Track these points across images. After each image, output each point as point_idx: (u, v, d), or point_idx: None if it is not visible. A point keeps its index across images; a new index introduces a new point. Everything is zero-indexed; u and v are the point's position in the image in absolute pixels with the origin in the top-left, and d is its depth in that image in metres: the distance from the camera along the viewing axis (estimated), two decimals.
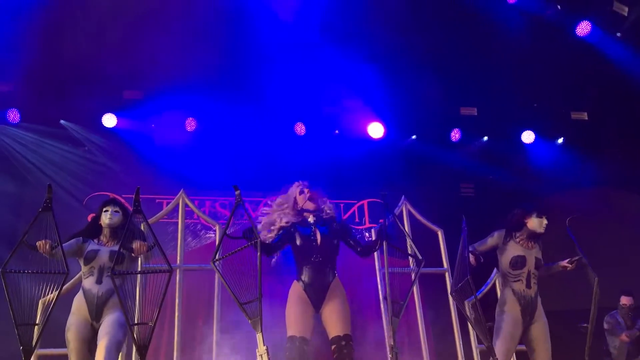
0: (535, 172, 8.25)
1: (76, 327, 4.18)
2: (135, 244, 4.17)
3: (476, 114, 8.30)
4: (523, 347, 4.80)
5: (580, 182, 7.88)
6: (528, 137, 8.36)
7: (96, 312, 4.19)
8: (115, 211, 4.47)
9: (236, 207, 4.23)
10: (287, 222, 4.62)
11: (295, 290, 4.53)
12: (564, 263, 4.74)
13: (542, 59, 7.87)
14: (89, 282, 4.26)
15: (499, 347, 4.56)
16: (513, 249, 4.73)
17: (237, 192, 4.25)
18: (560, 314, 5.23)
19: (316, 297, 4.46)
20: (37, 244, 4.02)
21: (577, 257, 4.66)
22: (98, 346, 4.07)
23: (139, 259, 4.51)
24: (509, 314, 4.63)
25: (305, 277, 4.50)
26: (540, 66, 7.90)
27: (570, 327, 4.92)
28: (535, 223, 4.72)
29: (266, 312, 4.10)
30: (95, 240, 4.43)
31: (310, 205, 4.69)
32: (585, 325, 4.49)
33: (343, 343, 4.29)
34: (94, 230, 4.48)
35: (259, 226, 4.65)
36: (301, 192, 4.75)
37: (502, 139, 8.38)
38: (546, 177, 8.10)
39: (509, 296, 4.70)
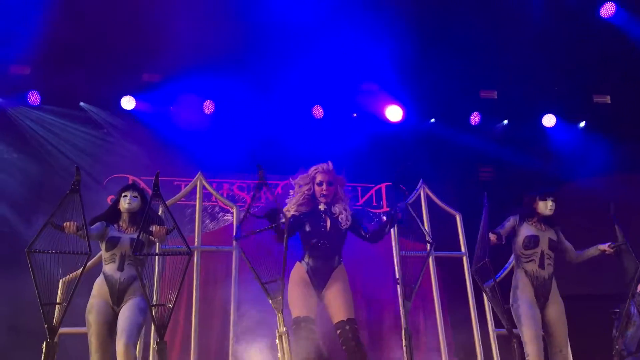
0: (556, 156, 8.13)
1: (97, 309, 4.24)
2: (155, 228, 4.20)
3: (496, 97, 8.18)
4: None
5: (603, 167, 7.75)
6: (549, 120, 8.24)
7: (118, 297, 4.26)
8: (134, 196, 4.51)
9: (259, 187, 4.24)
10: (298, 212, 4.61)
11: (298, 271, 4.54)
12: (605, 247, 4.73)
13: (564, 41, 7.73)
14: (110, 268, 4.31)
15: (525, 334, 4.54)
16: (526, 230, 4.83)
17: (260, 172, 4.27)
18: (577, 298, 5.18)
19: (318, 280, 4.46)
20: (64, 224, 4.08)
21: (620, 243, 4.63)
22: (118, 329, 4.13)
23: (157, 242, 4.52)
24: (523, 298, 4.62)
25: (310, 260, 4.51)
26: (562, 48, 7.75)
27: (589, 312, 4.87)
28: (541, 206, 4.85)
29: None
30: (115, 226, 4.48)
31: (322, 200, 4.66)
32: (616, 310, 4.45)
33: (347, 327, 4.28)
34: (114, 214, 4.53)
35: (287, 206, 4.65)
36: (319, 184, 4.69)
37: (523, 122, 8.26)
38: (567, 161, 7.99)
39: (522, 278, 4.70)
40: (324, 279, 4.47)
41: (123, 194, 4.52)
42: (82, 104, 7.62)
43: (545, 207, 4.84)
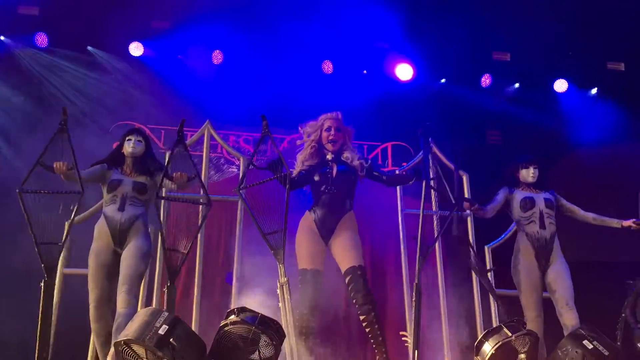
0: (567, 122, 8.06)
1: (97, 253, 4.26)
2: (176, 174, 4.19)
3: (509, 59, 8.06)
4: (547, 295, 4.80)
5: (613, 135, 7.68)
6: (561, 85, 8.14)
7: (119, 238, 4.25)
8: (139, 140, 4.49)
9: (263, 138, 4.22)
10: (306, 167, 4.60)
11: (306, 221, 4.55)
12: (629, 223, 4.72)
13: (580, 5, 7.57)
14: (110, 209, 4.30)
15: (524, 300, 4.59)
16: (519, 195, 4.87)
17: (264, 123, 4.23)
18: (589, 265, 5.19)
19: (325, 228, 4.46)
20: (54, 164, 4.07)
21: None
22: (120, 276, 4.15)
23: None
24: (523, 264, 4.65)
25: (317, 209, 4.52)
26: (578, 12, 7.60)
27: (602, 280, 4.89)
28: (524, 174, 4.89)
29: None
30: (119, 170, 4.45)
31: (330, 147, 4.65)
32: (630, 282, 4.47)
33: (359, 272, 4.31)
34: (117, 158, 4.51)
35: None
36: (327, 130, 4.70)
37: (534, 86, 8.16)
38: (577, 127, 7.91)
39: (523, 241, 4.72)
40: (331, 227, 4.48)
41: (127, 138, 4.51)
42: (89, 48, 7.52)
43: (528, 174, 4.87)
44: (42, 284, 3.92)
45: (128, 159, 4.48)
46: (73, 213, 4.06)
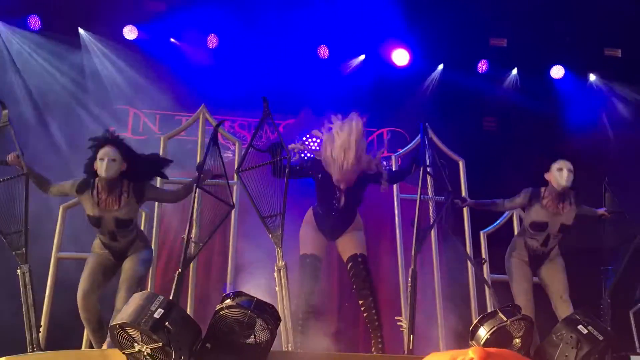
0: (563, 109, 8.05)
1: (98, 254, 4.28)
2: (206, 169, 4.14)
3: (506, 45, 8.02)
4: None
5: (610, 121, 7.68)
6: (557, 72, 8.12)
7: (119, 255, 4.28)
8: (112, 159, 3.97)
9: (263, 120, 4.19)
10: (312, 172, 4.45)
11: (310, 219, 4.51)
12: (602, 211, 4.70)
13: None
14: (104, 239, 4.24)
15: (515, 288, 4.61)
16: (536, 213, 4.47)
17: (265, 104, 4.20)
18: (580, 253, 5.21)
19: (332, 234, 4.46)
20: (7, 157, 4.16)
21: (615, 210, 4.60)
22: (120, 280, 4.18)
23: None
24: (517, 258, 4.65)
25: (324, 216, 4.44)
26: None
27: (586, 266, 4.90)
28: (556, 177, 4.35)
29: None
30: (95, 196, 4.06)
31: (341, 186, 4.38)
32: (609, 268, 4.49)
33: (360, 259, 4.31)
34: (89, 180, 4.13)
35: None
36: (340, 168, 4.27)
37: (531, 73, 8.13)
38: (574, 113, 7.91)
39: (519, 245, 4.70)
40: (336, 234, 4.48)
41: (99, 157, 3.99)
42: (81, 31, 7.42)
43: (561, 177, 4.33)
44: (18, 271, 4.03)
45: (102, 181, 4.01)
46: (25, 196, 4.12)
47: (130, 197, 4.09)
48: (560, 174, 4.32)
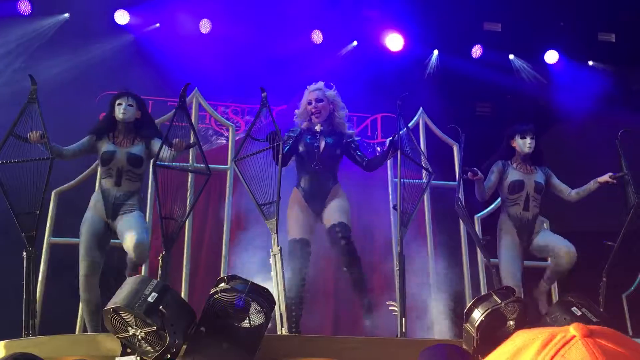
0: (557, 93, 8.03)
1: (90, 222, 4.24)
2: (176, 140, 4.11)
3: (500, 30, 7.99)
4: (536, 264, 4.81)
5: (604, 106, 7.67)
6: (551, 57, 8.10)
7: (112, 211, 4.22)
8: (129, 105, 4.30)
9: (262, 109, 4.21)
10: (293, 138, 4.55)
11: (295, 196, 4.53)
12: (605, 178, 4.66)
13: None
14: (107, 183, 4.25)
15: (504, 272, 4.62)
16: (511, 175, 4.74)
17: (263, 95, 4.22)
18: (585, 235, 5.21)
19: (315, 203, 4.47)
20: (29, 135, 4.03)
21: (621, 173, 4.56)
22: (124, 230, 4.11)
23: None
24: (505, 238, 4.68)
25: (304, 184, 4.50)
26: None
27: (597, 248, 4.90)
28: (520, 144, 4.71)
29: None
30: (111, 138, 4.31)
31: (315, 120, 4.60)
32: (610, 243, 4.47)
33: (338, 229, 4.31)
34: (109, 125, 4.36)
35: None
36: (309, 103, 4.65)
37: (525, 57, 8.12)
38: (568, 98, 7.89)
39: (505, 220, 4.75)
40: (321, 202, 4.47)
41: (117, 102, 4.30)
42: (66, 14, 7.31)
43: (524, 144, 4.70)
44: (25, 254, 3.92)
45: (120, 125, 4.30)
46: (46, 180, 4.02)
47: (142, 142, 4.32)
48: (523, 141, 4.71)
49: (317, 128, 4.61)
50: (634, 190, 4.45)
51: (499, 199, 5.60)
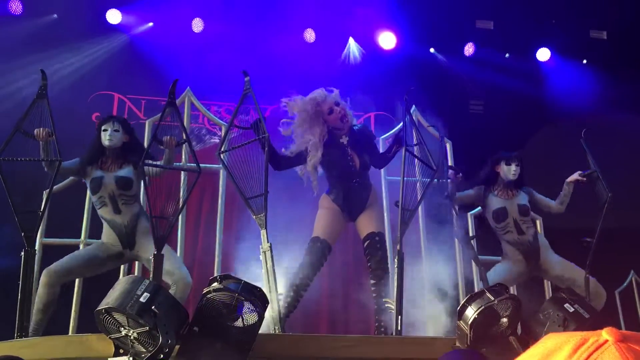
0: (549, 91, 8.06)
1: (107, 247, 4.22)
2: (166, 138, 4.07)
3: (492, 27, 8.00)
4: None
5: (596, 103, 7.69)
6: (543, 54, 8.12)
7: (127, 240, 4.19)
8: (115, 130, 4.21)
9: (244, 97, 4.11)
10: (317, 151, 4.38)
11: (328, 204, 4.46)
12: (575, 177, 4.70)
13: None
14: (107, 213, 4.19)
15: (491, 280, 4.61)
16: (493, 203, 4.72)
17: (246, 79, 4.11)
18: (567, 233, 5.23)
19: (352, 212, 4.44)
20: (35, 131, 3.96)
21: (590, 171, 4.60)
22: (174, 274, 4.13)
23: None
24: (513, 267, 4.66)
25: (341, 195, 4.41)
26: None
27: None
28: (505, 170, 4.70)
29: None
30: (98, 164, 4.23)
31: (344, 126, 4.46)
32: (588, 239, 4.48)
33: (377, 238, 4.31)
34: (94, 153, 4.26)
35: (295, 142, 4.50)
36: (330, 112, 4.43)
37: (517, 55, 8.14)
38: (560, 96, 7.92)
39: (507, 247, 4.73)
40: (358, 210, 4.45)
41: (103, 128, 4.23)
42: (55, 15, 7.27)
43: (509, 171, 4.70)
44: (23, 254, 3.87)
45: (107, 150, 4.24)
46: (52, 181, 3.97)
47: (130, 164, 4.26)
48: (508, 168, 4.70)
49: (344, 140, 4.47)
50: (604, 186, 4.45)
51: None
